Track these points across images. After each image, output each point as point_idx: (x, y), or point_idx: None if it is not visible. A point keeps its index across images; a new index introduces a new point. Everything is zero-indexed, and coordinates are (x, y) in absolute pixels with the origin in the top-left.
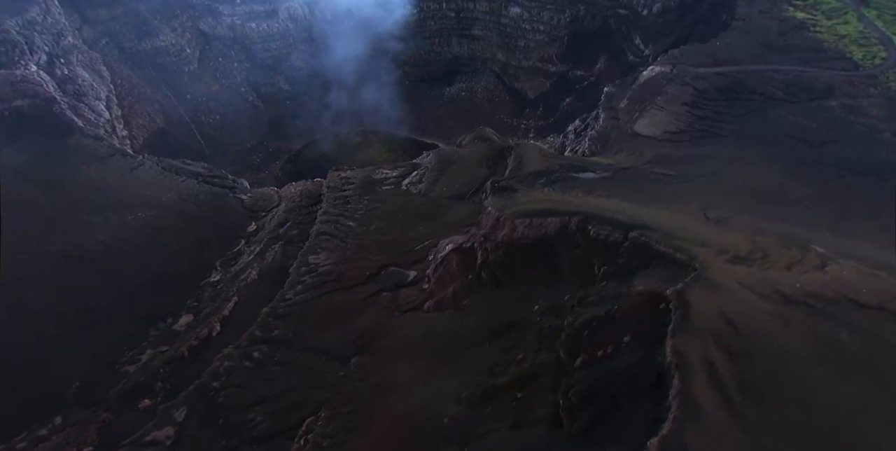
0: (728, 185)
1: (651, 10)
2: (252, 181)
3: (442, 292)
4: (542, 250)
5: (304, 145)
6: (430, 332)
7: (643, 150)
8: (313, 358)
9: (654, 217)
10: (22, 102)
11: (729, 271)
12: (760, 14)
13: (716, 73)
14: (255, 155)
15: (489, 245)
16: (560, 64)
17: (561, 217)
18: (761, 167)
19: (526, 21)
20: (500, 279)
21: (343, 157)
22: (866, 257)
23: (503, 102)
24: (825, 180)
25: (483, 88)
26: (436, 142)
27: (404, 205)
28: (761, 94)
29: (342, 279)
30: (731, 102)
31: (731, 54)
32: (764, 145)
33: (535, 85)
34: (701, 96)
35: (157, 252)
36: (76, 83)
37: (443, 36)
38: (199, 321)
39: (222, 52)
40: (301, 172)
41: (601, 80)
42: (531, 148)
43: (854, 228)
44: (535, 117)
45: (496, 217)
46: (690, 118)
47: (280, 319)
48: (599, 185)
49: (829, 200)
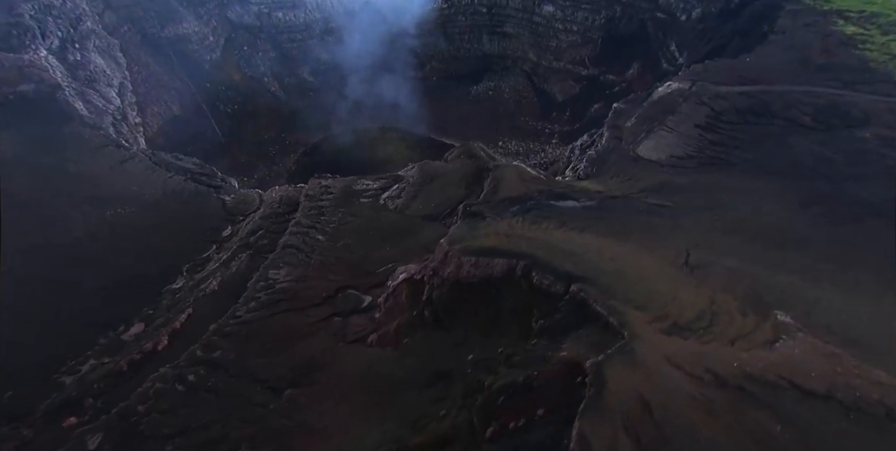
0: (728, 221)
1: (690, 16)
2: (264, 174)
3: (387, 326)
4: (487, 292)
5: (321, 139)
6: (367, 370)
7: (641, 175)
8: (248, 386)
9: (616, 262)
10: (27, 86)
11: (660, 344)
12: (804, 27)
13: (739, 92)
14: (272, 147)
15: (436, 281)
16: (591, 67)
17: (508, 259)
18: (770, 203)
19: (559, 20)
20: (441, 320)
21: (360, 152)
22: (850, 323)
23: (530, 103)
24: (839, 222)
25: (511, 88)
26: (454, 142)
27: (377, 221)
28: (786, 118)
29: (297, 299)
30: (750, 126)
31: (761, 72)
32: (778, 178)
33: (563, 88)
34: (717, 118)
35: (127, 252)
36: (88, 69)
37: (473, 32)
38: (149, 332)
39: (248, 41)
40: (317, 166)
41: (633, 86)
42: (510, 171)
43: (859, 280)
44: (560, 122)
45: (445, 251)
46: (701, 143)
47: (226, 338)
48: (578, 215)
49: (839, 246)
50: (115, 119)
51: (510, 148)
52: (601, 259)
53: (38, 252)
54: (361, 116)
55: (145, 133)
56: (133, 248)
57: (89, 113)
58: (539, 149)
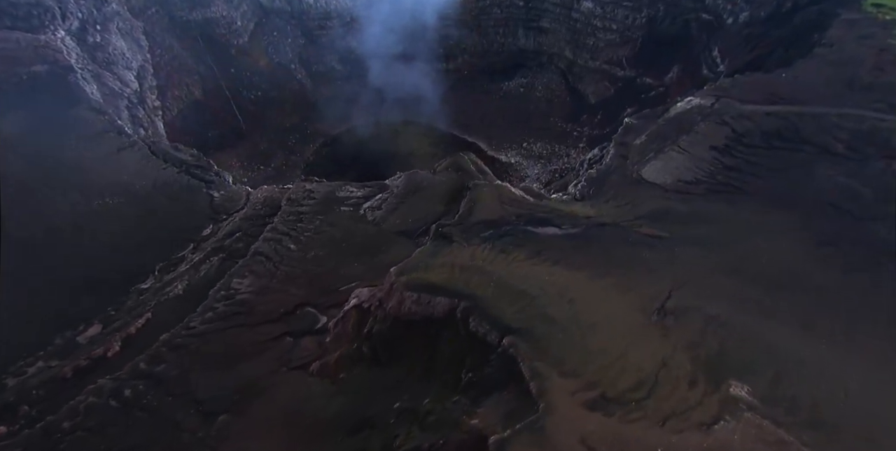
0: (727, 258)
1: (737, 19)
2: (281, 163)
3: (331, 355)
4: (427, 333)
5: (343, 130)
6: (300, 404)
7: (641, 200)
8: (183, 408)
9: (573, 306)
10: (41, 67)
11: (577, 421)
12: (858, 40)
13: (767, 112)
14: (293, 135)
15: (380, 313)
16: (629, 69)
17: (451, 299)
18: (781, 239)
19: (598, 18)
20: (380, 357)
21: (381, 146)
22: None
23: (562, 103)
24: (855, 268)
25: (544, 85)
26: (477, 141)
27: (353, 233)
28: (815, 145)
29: (254, 313)
30: (774, 151)
31: (797, 90)
32: (795, 211)
33: (598, 89)
34: (738, 140)
35: (104, 245)
36: (107, 51)
37: (508, 26)
38: (104, 335)
39: (278, 27)
40: (337, 157)
41: (670, 92)
42: (488, 192)
43: (862, 339)
44: (591, 125)
45: (391, 282)
46: (715, 167)
47: (174, 351)
48: (556, 245)
49: (849, 295)
50: (131, 102)
51: (534, 150)
52: (557, 303)
53: (12, 241)
54: (386, 108)
55: (164, 116)
56: (111, 242)
57: (104, 95)
58: (564, 153)
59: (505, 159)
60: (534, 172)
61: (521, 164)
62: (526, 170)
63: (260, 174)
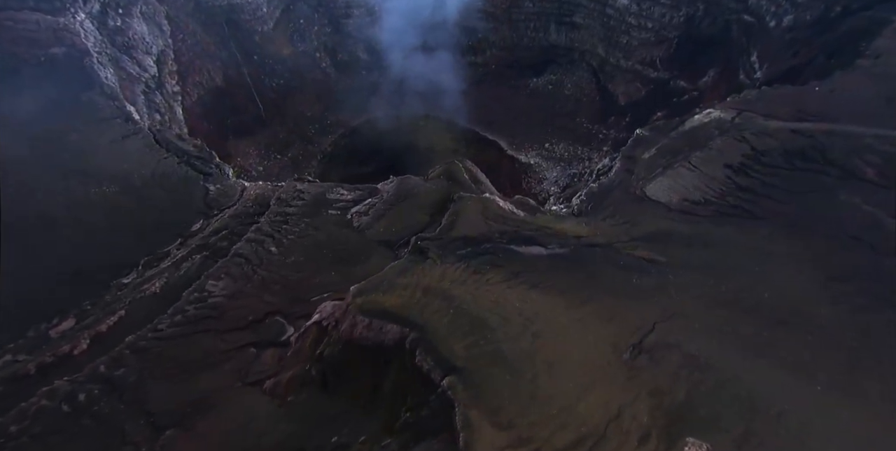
0: (725, 288)
1: (780, 23)
2: (298, 153)
3: (285, 373)
4: (377, 361)
5: (362, 122)
6: (245, 426)
7: (641, 219)
8: (133, 418)
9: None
10: (59, 50)
11: None
12: None
13: (793, 130)
14: (312, 125)
15: (334, 334)
16: (662, 70)
17: (402, 327)
18: (789, 271)
19: (633, 15)
20: (328, 382)
21: (400, 139)
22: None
23: (590, 103)
24: (868, 308)
25: (573, 84)
26: (498, 139)
27: (335, 239)
28: (843, 168)
29: (224, 319)
30: (795, 173)
31: (829, 105)
32: (810, 241)
33: (628, 90)
34: (756, 159)
35: (95, 235)
36: (127, 35)
37: (540, 20)
38: (74, 331)
39: (305, 14)
40: (355, 149)
41: (704, 96)
42: (473, 205)
43: (864, 390)
44: (618, 127)
45: (347, 303)
46: (727, 187)
47: (137, 354)
48: (538, 266)
49: (856, 338)
50: (148, 87)
51: (556, 152)
52: (518, 336)
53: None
54: (408, 101)
55: (184, 102)
56: (100, 232)
57: (120, 80)
58: (586, 156)
59: (525, 160)
60: (552, 175)
61: (540, 165)
62: (545, 172)
63: (276, 164)
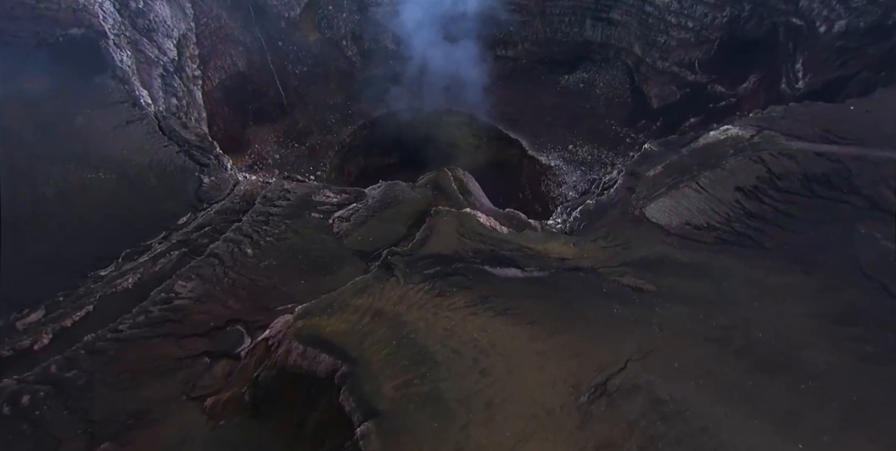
0: (717, 324)
1: (831, 28)
2: (316, 142)
3: (226, 392)
4: (308, 392)
5: (383, 113)
6: (177, 447)
7: (636, 243)
8: (72, 427)
9: (483, 379)
10: (77, 30)
11: None
12: None
13: (817, 153)
14: (333, 114)
15: (270, 358)
16: (700, 73)
17: (334, 359)
18: (791, 309)
19: (674, 13)
20: (259, 408)
21: (421, 132)
22: None
23: (621, 104)
24: (873, 355)
25: (606, 83)
26: (519, 138)
27: (312, 245)
28: (867, 198)
29: (185, 323)
30: (813, 200)
31: (864, 127)
32: (819, 276)
33: (662, 93)
34: (771, 183)
35: (83, 222)
36: (148, 18)
37: (576, 15)
38: (41, 324)
39: (333, 1)
40: (374, 141)
41: (742, 104)
42: (449, 221)
43: (861, 442)
44: (647, 132)
45: (287, 325)
46: (735, 212)
47: (92, 355)
48: (510, 291)
49: (856, 387)
50: (166, 71)
51: (579, 154)
52: (464, 373)
53: None
54: (432, 93)
55: (204, 87)
56: (89, 219)
57: (138, 62)
58: (609, 161)
59: (545, 161)
60: (572, 179)
61: (560, 168)
62: (564, 176)
63: (293, 152)
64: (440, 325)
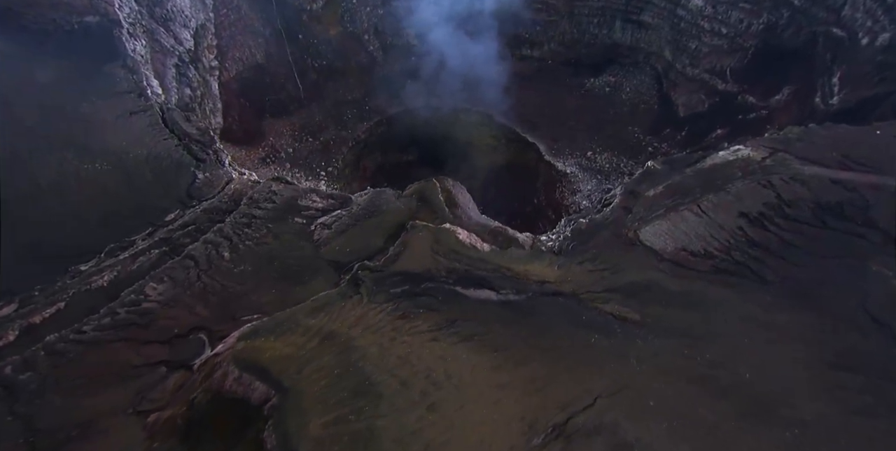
0: (702, 361)
1: (874, 41)
2: (330, 137)
3: (168, 410)
4: (242, 419)
5: (400, 110)
6: None
7: (624, 268)
8: (15, 436)
9: (429, 416)
10: (93, 18)
11: None
12: None
13: (833, 179)
14: (350, 110)
15: (210, 379)
16: (731, 82)
17: (269, 388)
18: (786, 350)
19: (707, 18)
20: (191, 432)
21: (438, 131)
22: None
23: (648, 111)
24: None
25: (633, 88)
26: (537, 141)
27: (289, 252)
28: (884, 231)
29: (149, 328)
30: (823, 232)
31: (885, 155)
32: (821, 316)
33: (690, 101)
34: (779, 211)
35: (74, 213)
36: (166, 7)
37: (605, 16)
38: (10, 319)
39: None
40: (389, 139)
41: (774, 117)
42: (423, 237)
43: None
44: (671, 141)
45: (229, 347)
46: (736, 240)
47: (50, 357)
48: (480, 315)
49: (847, 441)
50: (182, 61)
51: (597, 162)
52: (409, 406)
53: None
54: (452, 91)
55: (221, 77)
56: (80, 211)
57: (153, 52)
58: (628, 170)
59: (561, 167)
60: (587, 188)
61: (576, 176)
62: (580, 184)
63: (306, 146)
64: (394, 352)
